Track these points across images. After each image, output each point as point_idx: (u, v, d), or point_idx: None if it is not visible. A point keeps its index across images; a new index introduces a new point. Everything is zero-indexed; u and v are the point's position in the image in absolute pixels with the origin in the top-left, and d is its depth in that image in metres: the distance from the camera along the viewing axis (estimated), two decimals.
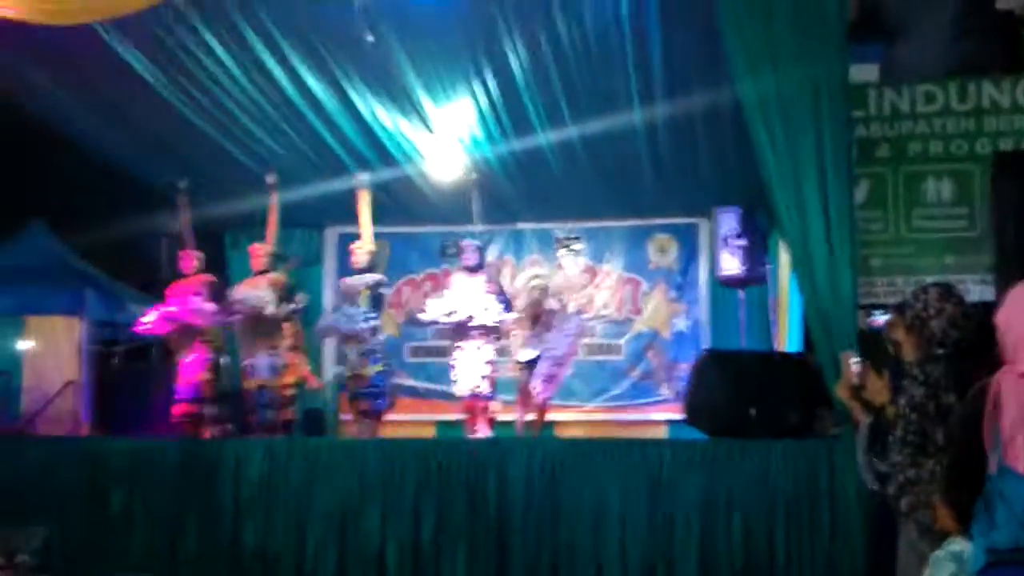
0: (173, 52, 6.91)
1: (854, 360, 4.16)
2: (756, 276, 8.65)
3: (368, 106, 7.57)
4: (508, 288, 9.06)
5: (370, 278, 7.52)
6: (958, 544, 2.79)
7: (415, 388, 9.77)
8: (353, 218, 7.83)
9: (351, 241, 7.92)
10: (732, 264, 8.44)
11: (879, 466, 3.68)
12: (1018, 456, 2.46)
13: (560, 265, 8.50)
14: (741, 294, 8.87)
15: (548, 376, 7.43)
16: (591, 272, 9.80)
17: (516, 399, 7.70)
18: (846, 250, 5.21)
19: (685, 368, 8.29)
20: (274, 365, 7.27)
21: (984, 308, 3.24)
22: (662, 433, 8.96)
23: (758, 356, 7.63)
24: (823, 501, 5.36)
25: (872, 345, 4.57)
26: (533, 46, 6.77)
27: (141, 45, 6.86)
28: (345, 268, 8.14)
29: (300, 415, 8.08)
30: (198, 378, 7.33)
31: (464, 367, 7.42)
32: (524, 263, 9.77)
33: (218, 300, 7.54)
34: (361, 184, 7.83)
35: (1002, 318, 2.65)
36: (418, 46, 6.92)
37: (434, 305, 7.63)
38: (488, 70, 7.11)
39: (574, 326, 7.91)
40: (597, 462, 5.65)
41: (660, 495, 5.53)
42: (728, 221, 8.46)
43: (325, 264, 10.16)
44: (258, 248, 7.59)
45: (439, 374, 9.24)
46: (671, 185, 8.77)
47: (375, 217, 7.89)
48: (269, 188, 7.81)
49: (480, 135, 7.91)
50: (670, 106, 7.31)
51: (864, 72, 6.57)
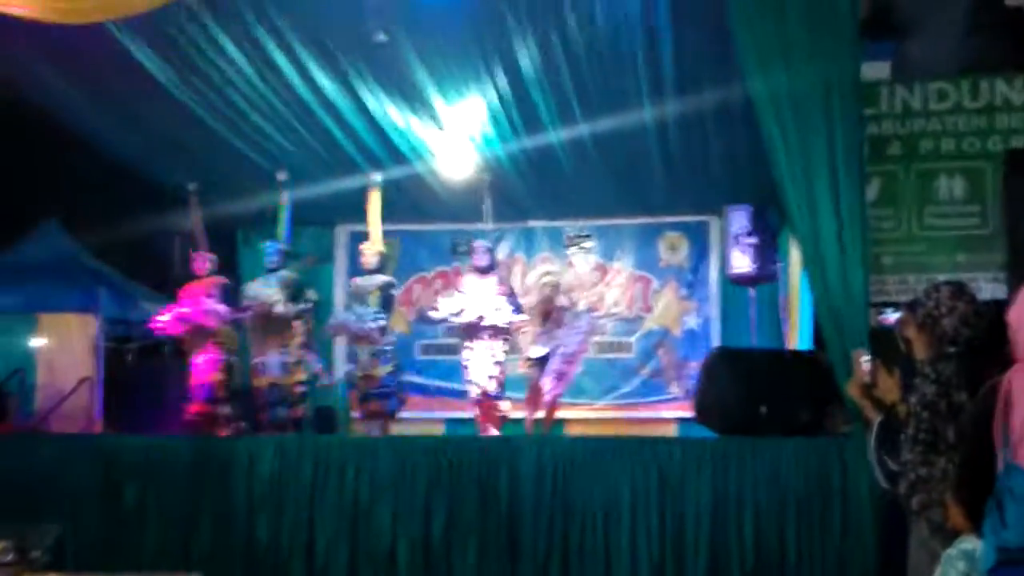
0: (185, 51, 6.94)
1: (865, 358, 4.16)
2: (767, 274, 8.64)
3: (379, 104, 7.58)
4: (519, 286, 9.09)
5: (380, 279, 7.54)
6: (969, 542, 2.79)
7: (426, 386, 9.78)
8: (364, 216, 7.86)
9: (362, 239, 7.94)
10: (743, 262, 8.42)
11: (890, 464, 3.68)
12: None
13: (571, 263, 8.50)
14: (752, 292, 8.86)
15: (559, 373, 7.43)
16: (602, 270, 9.79)
17: (526, 397, 7.70)
18: (858, 248, 5.20)
19: (695, 366, 8.27)
20: (285, 363, 7.30)
21: (996, 306, 3.23)
22: (672, 431, 8.95)
23: (769, 354, 7.62)
24: (834, 499, 5.35)
25: (883, 343, 4.56)
26: (544, 44, 6.77)
27: (154, 44, 6.89)
28: (356, 265, 8.15)
29: (311, 413, 8.10)
30: (211, 379, 7.35)
31: (473, 367, 7.43)
32: (535, 261, 9.75)
33: (230, 301, 7.56)
34: (371, 184, 7.85)
35: (1014, 316, 2.65)
36: (429, 44, 6.92)
37: (446, 304, 7.65)
38: (499, 68, 7.11)
39: (585, 323, 7.91)
40: (607, 460, 5.65)
41: (670, 493, 5.54)
42: (739, 219, 8.45)
43: (336, 262, 10.17)
44: (270, 246, 7.62)
45: (450, 372, 9.25)
46: (682, 183, 8.75)
47: (386, 215, 7.90)
48: (280, 186, 7.83)
49: (491, 133, 7.91)
50: (681, 104, 7.29)
51: (876, 69, 6.54)
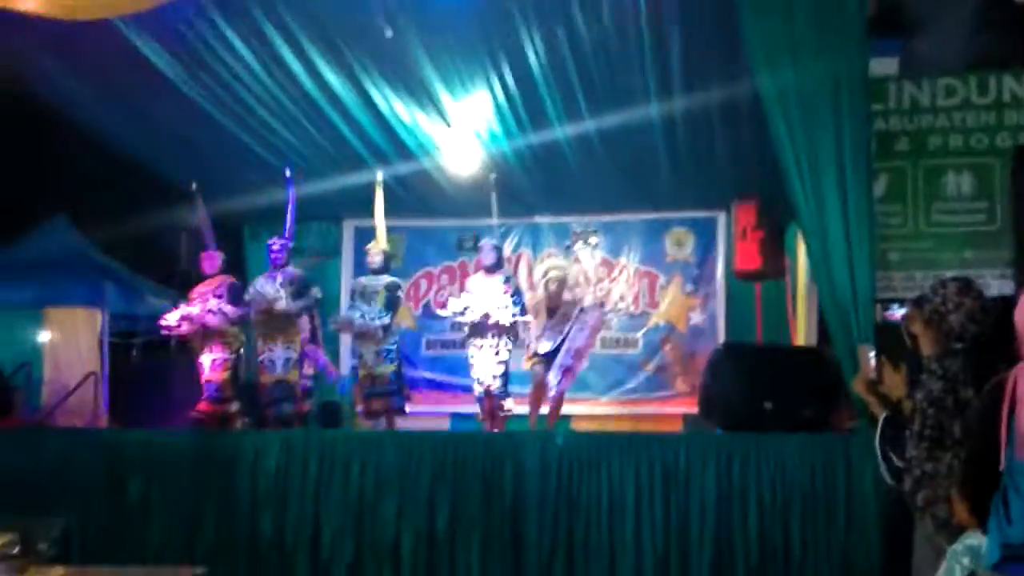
0: (193, 47, 6.95)
1: (871, 354, 4.16)
2: (773, 270, 8.62)
3: (386, 100, 7.59)
4: (525, 281, 9.08)
5: (387, 280, 7.55)
6: (974, 538, 2.79)
7: (431, 381, 9.80)
8: (371, 211, 7.86)
9: (369, 234, 7.94)
10: (749, 258, 8.41)
11: (895, 460, 3.68)
12: None
13: (577, 258, 8.48)
14: (758, 288, 8.84)
15: (566, 368, 7.41)
16: (608, 265, 9.79)
17: (531, 393, 7.68)
18: (864, 244, 5.20)
19: (701, 362, 8.26)
20: (290, 359, 7.30)
21: (1003, 302, 3.23)
22: (677, 427, 8.94)
23: (774, 350, 7.61)
24: (839, 495, 5.35)
25: (890, 339, 4.55)
26: (550, 40, 6.76)
27: (161, 40, 6.90)
28: (362, 261, 8.15)
29: (316, 408, 8.11)
30: (219, 378, 7.37)
31: (479, 365, 7.40)
32: (541, 257, 9.74)
33: (239, 298, 7.56)
34: (377, 182, 7.84)
35: (1020, 314, 2.64)
36: (436, 40, 6.93)
37: (452, 303, 7.62)
38: (505, 64, 7.12)
39: (594, 319, 7.88)
40: (612, 455, 5.66)
41: (675, 489, 5.54)
42: (745, 214, 8.44)
43: (343, 256, 10.18)
44: (276, 242, 7.62)
45: (455, 367, 9.25)
46: (688, 178, 8.74)
47: (393, 210, 7.89)
48: (287, 183, 7.84)
49: (497, 129, 7.91)
50: (688, 99, 7.28)
51: (883, 66, 6.52)
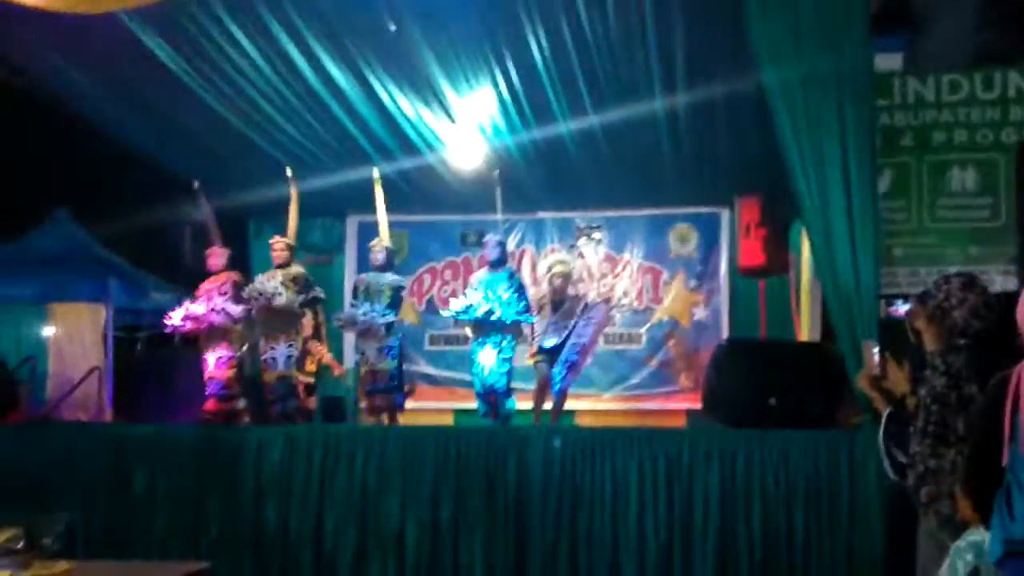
0: (197, 41, 6.94)
1: (875, 350, 4.15)
2: (777, 266, 8.62)
3: (390, 95, 7.58)
4: (528, 277, 9.08)
5: (391, 279, 7.55)
6: (978, 534, 2.79)
7: (434, 376, 9.80)
8: (374, 207, 7.87)
9: (372, 229, 7.93)
10: (753, 254, 8.40)
11: (899, 456, 3.68)
12: None
13: (581, 254, 8.48)
14: (761, 283, 8.83)
15: (571, 364, 7.41)
16: (611, 261, 9.78)
17: (535, 389, 7.68)
18: (869, 240, 5.19)
19: (705, 357, 8.26)
20: (291, 356, 7.31)
21: (1006, 298, 3.22)
22: (681, 422, 8.94)
23: (778, 346, 7.61)
24: (843, 491, 5.35)
25: (893, 335, 4.55)
26: (554, 34, 6.75)
27: (165, 34, 6.90)
28: (366, 256, 8.14)
29: (320, 403, 8.12)
30: (225, 375, 7.37)
31: (482, 362, 7.39)
32: (544, 252, 9.73)
33: (242, 297, 7.57)
34: (374, 179, 7.83)
35: (1022, 314, 2.64)
36: (440, 35, 6.91)
37: (456, 303, 7.59)
38: (509, 58, 7.11)
39: (601, 315, 7.86)
40: (615, 450, 5.66)
41: (678, 484, 5.54)
42: (749, 211, 8.43)
43: (346, 252, 10.19)
44: (277, 241, 7.62)
45: (458, 362, 9.26)
46: (692, 174, 8.72)
47: (396, 206, 7.89)
48: (288, 182, 7.84)
49: (501, 124, 7.90)
50: (692, 95, 7.27)
51: (888, 61, 6.51)
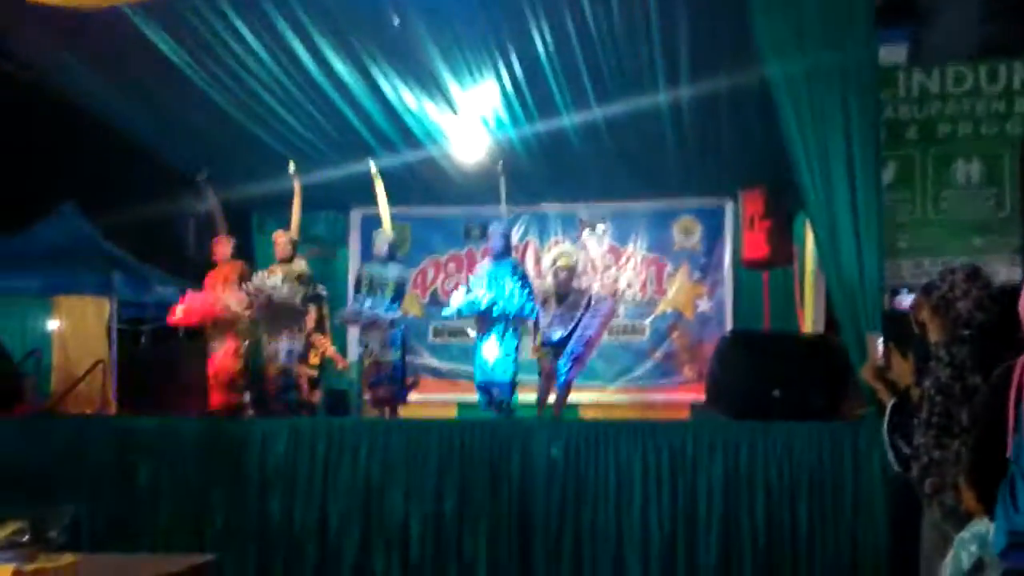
0: (201, 35, 6.95)
1: (879, 342, 4.15)
2: (781, 258, 8.61)
3: (393, 88, 7.58)
4: (532, 269, 9.08)
5: (396, 274, 7.55)
6: (982, 525, 2.79)
7: (438, 369, 9.82)
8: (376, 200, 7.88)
9: (376, 222, 7.94)
10: (756, 247, 8.40)
11: (903, 448, 3.68)
12: None
13: (584, 246, 8.47)
14: (765, 275, 8.83)
15: (575, 356, 7.41)
16: (615, 253, 9.78)
17: (539, 382, 7.68)
18: (873, 232, 5.18)
19: (709, 349, 8.26)
20: (293, 350, 7.31)
21: (1012, 290, 3.22)
22: (684, 414, 8.94)
23: (782, 337, 7.61)
24: (847, 483, 5.35)
25: (898, 327, 4.55)
26: (558, 27, 6.75)
27: (169, 28, 6.90)
28: (370, 249, 8.15)
29: (324, 396, 8.13)
30: (231, 367, 7.39)
31: (486, 355, 7.39)
32: (548, 245, 9.73)
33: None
34: (372, 173, 7.84)
35: None
36: (443, 27, 6.91)
37: (457, 296, 7.59)
38: (513, 51, 7.10)
39: (607, 309, 7.86)
40: (619, 442, 5.66)
41: (682, 476, 5.54)
42: (753, 203, 8.42)
43: (350, 246, 10.19)
44: (280, 236, 7.63)
45: (461, 355, 9.27)
46: (696, 167, 8.72)
47: (399, 198, 7.88)
48: (291, 177, 7.85)
49: (504, 116, 7.90)
50: (696, 87, 7.26)
51: (893, 54, 6.51)
